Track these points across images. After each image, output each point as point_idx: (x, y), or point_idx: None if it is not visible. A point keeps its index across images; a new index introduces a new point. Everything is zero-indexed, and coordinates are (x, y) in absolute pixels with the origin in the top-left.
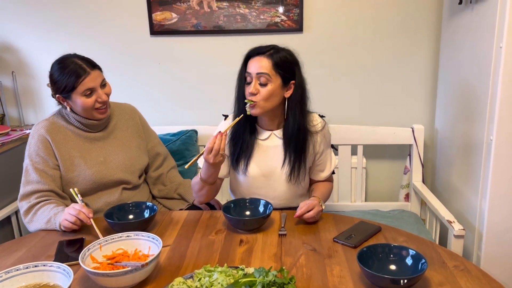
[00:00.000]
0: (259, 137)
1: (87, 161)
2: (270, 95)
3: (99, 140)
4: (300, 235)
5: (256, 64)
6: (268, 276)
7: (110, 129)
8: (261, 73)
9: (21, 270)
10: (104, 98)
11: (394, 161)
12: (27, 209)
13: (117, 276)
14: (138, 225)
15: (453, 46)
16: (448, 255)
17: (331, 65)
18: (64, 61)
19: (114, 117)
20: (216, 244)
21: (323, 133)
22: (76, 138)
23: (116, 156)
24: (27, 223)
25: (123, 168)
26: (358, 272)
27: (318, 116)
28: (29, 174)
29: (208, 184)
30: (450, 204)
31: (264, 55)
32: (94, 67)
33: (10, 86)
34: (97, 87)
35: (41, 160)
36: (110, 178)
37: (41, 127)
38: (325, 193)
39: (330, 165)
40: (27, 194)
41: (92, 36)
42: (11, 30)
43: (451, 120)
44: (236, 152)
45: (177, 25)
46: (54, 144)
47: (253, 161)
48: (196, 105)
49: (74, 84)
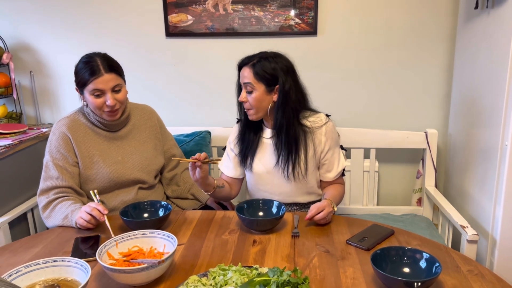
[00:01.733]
0: (263, 135)
1: (105, 159)
2: (257, 101)
3: (117, 139)
4: (313, 237)
5: (243, 73)
6: (282, 276)
7: (129, 129)
8: (246, 83)
9: (40, 264)
10: (111, 103)
11: (406, 165)
12: (45, 204)
13: (134, 272)
14: (153, 224)
15: (469, 50)
16: (462, 259)
17: (344, 69)
18: (90, 57)
19: (132, 117)
20: (230, 244)
21: (326, 131)
22: (95, 137)
23: (134, 156)
24: (45, 218)
25: (140, 168)
26: (371, 274)
27: (324, 115)
28: (49, 170)
29: (212, 194)
30: (463, 210)
31: (247, 65)
32: (112, 71)
33: (28, 85)
34: (107, 91)
35: (61, 156)
36: (127, 177)
37: (62, 124)
38: (336, 195)
39: (338, 165)
40: (46, 190)
41: (108, 38)
42: (30, 31)
43: (465, 125)
44: (243, 150)
45: (192, 27)
46: (74, 142)
47: (257, 158)
48: (210, 106)
49: (86, 81)
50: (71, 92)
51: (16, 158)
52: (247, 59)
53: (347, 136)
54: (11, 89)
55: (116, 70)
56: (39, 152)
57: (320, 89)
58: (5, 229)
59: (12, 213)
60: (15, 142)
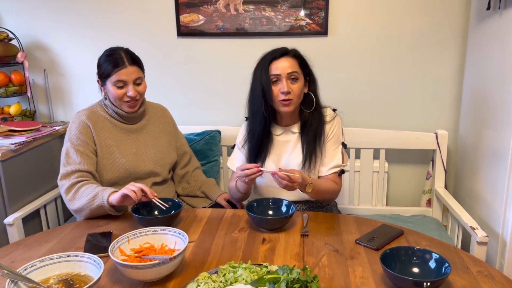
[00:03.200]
0: (274, 133)
1: (121, 150)
2: (300, 90)
3: (133, 132)
4: (322, 236)
5: (285, 64)
6: (292, 274)
7: (144, 123)
8: (291, 72)
9: (54, 259)
10: (132, 94)
11: (416, 166)
12: (68, 187)
13: (145, 268)
14: (164, 221)
15: (480, 51)
16: (471, 260)
17: (355, 69)
18: (113, 50)
19: (147, 114)
20: (239, 242)
21: (332, 124)
22: (112, 128)
23: (148, 149)
24: (69, 201)
25: (154, 160)
26: (380, 273)
27: (331, 110)
28: (70, 156)
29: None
30: (473, 211)
31: (289, 55)
32: (134, 64)
33: (41, 84)
34: (129, 82)
35: (82, 143)
36: (141, 169)
37: (82, 114)
38: (322, 185)
39: (333, 162)
40: (68, 174)
41: (121, 37)
42: (44, 30)
43: (476, 126)
44: (254, 149)
45: (204, 27)
46: (94, 130)
47: (268, 156)
48: (220, 105)
49: (110, 72)
50: (84, 91)
51: (30, 155)
52: (282, 50)
53: (357, 136)
54: (25, 87)
55: (138, 63)
56: (52, 150)
57: (330, 89)
58: (18, 225)
59: (25, 209)
60: (28, 140)
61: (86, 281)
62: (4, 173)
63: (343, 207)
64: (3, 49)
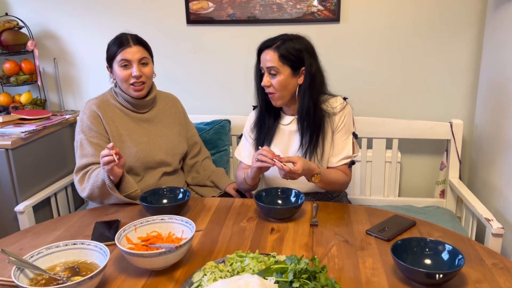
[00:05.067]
0: (281, 122)
1: (132, 139)
2: (282, 85)
3: (144, 121)
4: (332, 227)
5: (265, 57)
6: (299, 264)
7: (155, 113)
8: (270, 67)
9: (60, 247)
10: (136, 73)
11: (430, 156)
12: (81, 177)
13: (151, 257)
14: (172, 209)
15: (498, 39)
16: (486, 252)
17: (368, 57)
18: (121, 33)
19: (158, 103)
20: (248, 231)
21: (342, 114)
22: (123, 117)
23: (159, 138)
24: (82, 191)
25: (165, 150)
26: (391, 265)
27: (342, 98)
28: (84, 148)
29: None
30: (489, 203)
31: (271, 48)
32: (139, 43)
33: (51, 72)
34: (134, 61)
35: (95, 134)
36: (153, 158)
37: (92, 104)
38: (332, 175)
39: (344, 152)
40: (83, 167)
41: (130, 25)
42: (54, 18)
43: (492, 115)
44: (260, 137)
45: (213, 14)
46: (104, 119)
47: (274, 145)
48: (230, 94)
49: (114, 53)
50: (94, 80)
51: (40, 144)
52: (269, 41)
53: (369, 125)
54: (35, 76)
55: (143, 44)
56: (63, 138)
57: (342, 77)
58: (29, 212)
59: (36, 197)
60: (39, 128)
61: (93, 269)
62: (14, 161)
63: (354, 198)
64: (13, 37)
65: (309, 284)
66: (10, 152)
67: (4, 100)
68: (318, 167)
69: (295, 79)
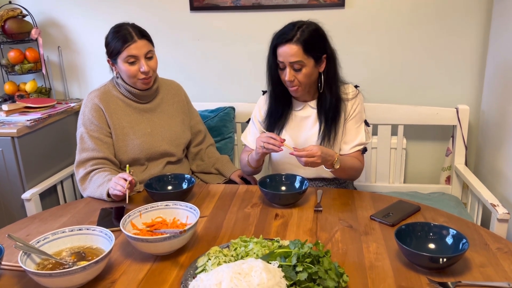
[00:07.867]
0: (294, 108)
1: (135, 131)
2: (308, 77)
3: (147, 112)
4: (336, 212)
5: (287, 52)
6: (303, 248)
7: (157, 102)
8: (293, 62)
9: (66, 232)
10: (145, 69)
11: (435, 142)
12: (83, 176)
13: (156, 242)
14: (177, 196)
15: (506, 23)
16: (491, 237)
17: (373, 42)
18: (119, 27)
19: (161, 92)
20: (252, 217)
21: (354, 102)
22: (126, 108)
23: (162, 128)
24: (83, 191)
25: (169, 140)
26: (395, 250)
27: (353, 87)
28: (85, 142)
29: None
30: (495, 188)
31: (292, 42)
32: (143, 37)
33: (56, 61)
34: (141, 56)
35: (96, 128)
36: (156, 149)
37: (94, 96)
38: (348, 161)
39: (356, 139)
40: (83, 161)
41: (134, 12)
42: (57, 6)
43: (499, 101)
44: (271, 123)
45: (217, 0)
46: (106, 112)
47: (286, 131)
48: (234, 82)
49: (120, 49)
50: (98, 68)
51: (45, 132)
52: (285, 35)
53: (374, 111)
54: (40, 65)
55: (147, 37)
56: (68, 126)
57: (347, 63)
58: (36, 200)
59: (42, 185)
60: (44, 116)
61: (98, 254)
62: (20, 149)
63: (359, 184)
64: (17, 26)
65: (312, 268)
66: (16, 140)
67: (9, 88)
68: (335, 152)
69: (317, 68)
